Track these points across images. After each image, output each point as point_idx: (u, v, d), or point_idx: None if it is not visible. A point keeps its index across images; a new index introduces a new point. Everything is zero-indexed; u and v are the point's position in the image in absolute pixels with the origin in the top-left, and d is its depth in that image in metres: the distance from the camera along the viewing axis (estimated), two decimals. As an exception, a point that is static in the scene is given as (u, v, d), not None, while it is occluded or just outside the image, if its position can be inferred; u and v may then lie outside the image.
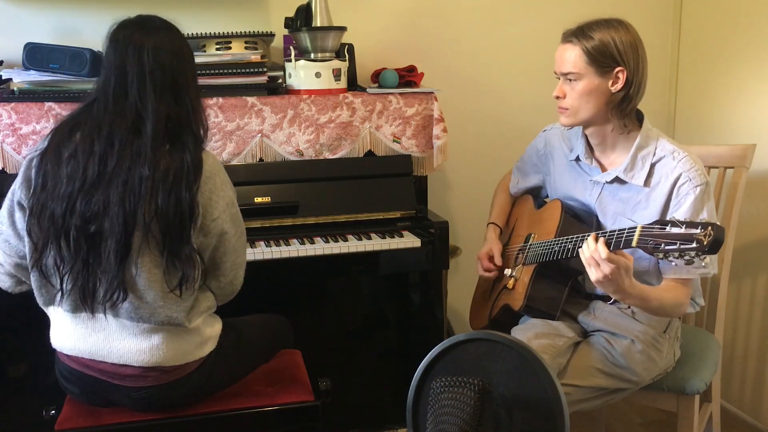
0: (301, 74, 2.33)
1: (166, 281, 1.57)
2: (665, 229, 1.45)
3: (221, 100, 2.22)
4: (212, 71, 2.26)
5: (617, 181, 1.85)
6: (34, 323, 1.74)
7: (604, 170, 1.89)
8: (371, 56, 2.63)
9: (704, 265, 1.54)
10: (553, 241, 1.85)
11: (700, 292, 1.93)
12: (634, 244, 1.51)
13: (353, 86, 2.46)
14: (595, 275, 1.58)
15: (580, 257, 1.62)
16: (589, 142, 1.92)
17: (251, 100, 2.25)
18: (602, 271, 1.56)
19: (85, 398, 1.75)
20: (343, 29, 2.38)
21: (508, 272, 2.02)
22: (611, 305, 1.90)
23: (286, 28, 2.40)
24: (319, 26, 2.34)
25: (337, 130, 2.32)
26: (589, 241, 1.58)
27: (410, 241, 2.22)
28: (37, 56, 2.16)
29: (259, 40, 2.39)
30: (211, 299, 1.72)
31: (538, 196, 2.19)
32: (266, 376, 1.91)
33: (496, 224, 2.20)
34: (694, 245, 1.40)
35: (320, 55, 2.36)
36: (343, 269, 2.28)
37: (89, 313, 1.60)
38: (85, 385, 1.70)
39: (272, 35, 2.44)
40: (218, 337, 1.73)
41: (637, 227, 1.51)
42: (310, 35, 2.33)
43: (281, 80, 2.42)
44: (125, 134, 1.54)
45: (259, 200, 2.21)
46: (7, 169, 2.10)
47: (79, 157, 1.53)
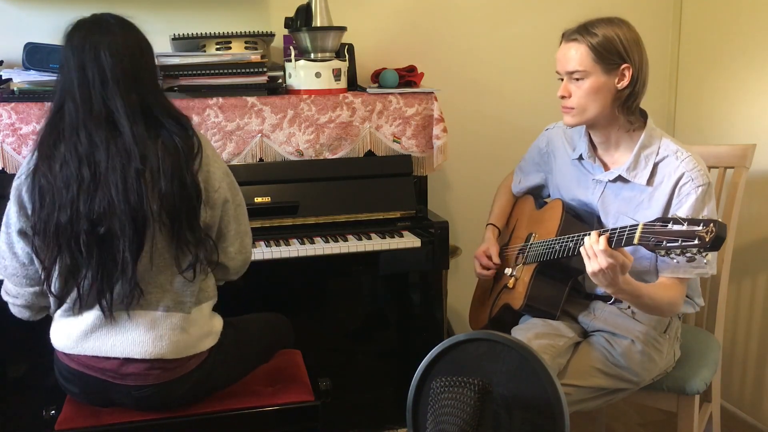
0: (301, 74, 2.33)
1: (176, 265, 1.60)
2: (667, 226, 1.45)
3: (221, 100, 2.22)
4: (212, 71, 2.26)
5: (620, 179, 1.85)
6: (34, 323, 1.74)
7: (606, 169, 1.89)
8: (371, 56, 2.63)
9: (705, 263, 1.54)
10: (553, 240, 1.85)
11: (699, 292, 1.94)
12: (635, 241, 1.51)
13: (353, 86, 2.46)
14: (590, 267, 1.59)
15: (580, 256, 1.62)
16: (591, 140, 1.92)
17: (251, 100, 2.25)
18: (598, 263, 1.56)
19: (85, 398, 1.75)
20: (343, 29, 2.38)
21: (508, 271, 2.02)
22: (611, 305, 1.90)
23: (286, 28, 2.40)
24: (319, 26, 2.34)
25: (337, 130, 2.32)
26: (591, 235, 1.59)
27: (410, 241, 2.22)
28: (37, 56, 2.16)
29: (259, 40, 2.38)
30: (213, 288, 1.74)
31: (539, 196, 2.19)
32: (266, 375, 1.91)
33: (495, 225, 2.20)
34: (696, 242, 1.40)
35: (320, 55, 2.36)
36: (343, 269, 2.28)
37: (106, 314, 1.59)
38: (85, 384, 1.70)
39: (272, 35, 2.44)
40: (219, 333, 1.74)
41: (639, 224, 1.51)
42: (310, 35, 2.34)
43: (281, 80, 2.42)
44: (104, 133, 1.54)
45: (259, 200, 2.21)
46: (7, 169, 2.10)
47: (70, 163, 1.53)
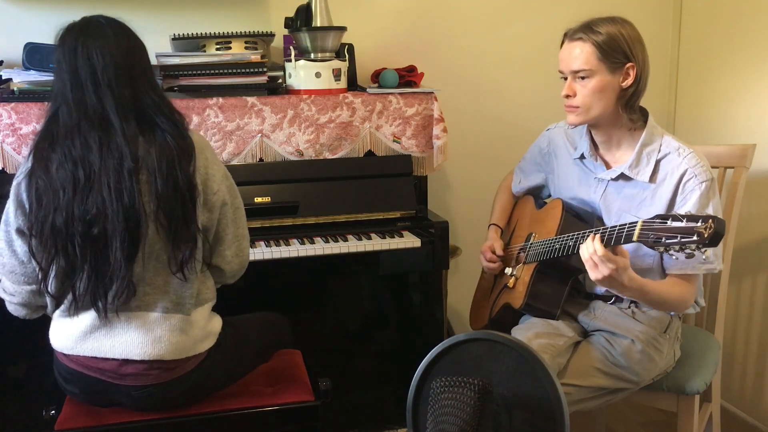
0: (301, 74, 2.33)
1: (169, 266, 1.60)
2: (666, 223, 1.46)
3: (221, 100, 2.22)
4: (212, 71, 2.26)
5: (622, 177, 1.85)
6: (34, 323, 1.74)
7: (608, 168, 1.90)
8: (371, 56, 2.63)
9: (704, 258, 1.54)
10: (554, 239, 1.85)
11: (701, 292, 1.94)
12: (635, 238, 1.51)
13: (353, 86, 2.46)
14: (593, 275, 1.61)
15: (580, 254, 1.63)
16: (593, 139, 1.92)
17: (251, 100, 2.25)
18: (601, 271, 1.58)
19: (84, 398, 1.75)
20: (343, 29, 2.38)
21: (508, 271, 2.02)
22: (611, 305, 1.90)
23: (286, 28, 2.40)
24: (319, 26, 2.34)
25: (337, 130, 2.32)
26: (587, 243, 1.59)
27: (410, 241, 2.22)
28: (37, 56, 2.16)
29: (259, 40, 2.38)
30: (212, 290, 1.73)
31: (539, 196, 2.19)
32: (266, 376, 1.91)
33: (497, 225, 2.20)
34: (694, 238, 1.41)
35: (320, 55, 2.36)
36: (343, 269, 2.28)
37: (101, 315, 1.60)
38: (84, 385, 1.70)
39: (272, 35, 2.44)
40: (218, 333, 1.74)
41: (638, 222, 1.52)
42: (310, 35, 2.33)
43: (281, 80, 2.42)
44: (97, 134, 1.55)
45: (259, 200, 2.21)
46: (7, 169, 2.10)
47: (65, 166, 1.54)
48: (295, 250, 2.13)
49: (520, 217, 2.17)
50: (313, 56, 2.36)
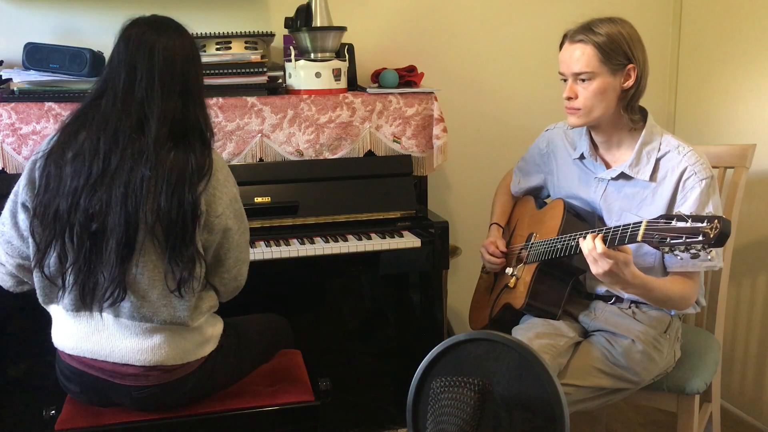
0: (301, 74, 2.33)
1: (166, 284, 1.58)
2: (671, 223, 1.45)
3: (221, 100, 2.22)
4: (212, 71, 2.26)
5: (622, 177, 1.86)
6: (34, 323, 1.74)
7: (608, 167, 1.90)
8: (371, 56, 2.63)
9: (710, 259, 1.55)
10: (555, 239, 1.85)
11: (703, 291, 1.94)
12: (639, 238, 1.51)
13: (353, 86, 2.46)
14: (594, 269, 1.61)
15: (582, 255, 1.63)
16: (593, 140, 1.92)
17: (251, 100, 2.25)
18: (601, 266, 1.59)
19: (85, 397, 1.75)
20: (343, 29, 2.38)
21: (509, 271, 2.02)
22: (612, 305, 1.90)
23: (286, 28, 2.40)
24: (319, 26, 2.34)
25: (337, 130, 2.32)
26: (587, 240, 1.59)
27: (410, 241, 2.22)
28: (37, 56, 2.16)
29: (259, 40, 2.38)
30: (213, 299, 1.72)
31: (538, 197, 2.19)
32: (266, 376, 1.91)
33: (498, 224, 2.20)
34: (700, 239, 1.40)
35: (320, 55, 2.36)
36: (343, 269, 2.28)
37: (89, 311, 1.60)
38: (85, 384, 1.70)
39: (272, 35, 2.44)
40: (219, 336, 1.74)
41: (642, 222, 1.52)
42: (310, 35, 2.33)
43: (281, 80, 2.42)
44: (129, 132, 1.55)
45: (259, 200, 2.21)
46: (7, 169, 2.10)
47: (85, 154, 1.55)
48: (295, 250, 2.12)
49: (520, 217, 2.17)
50: (313, 56, 2.36)
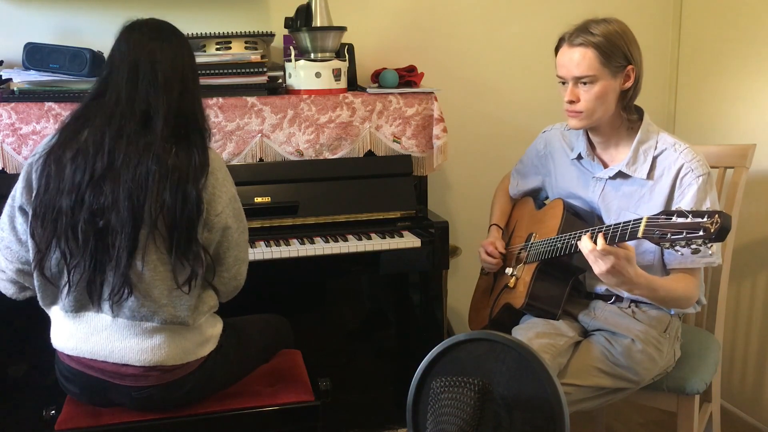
0: (301, 74, 2.33)
1: (174, 278, 1.59)
2: (671, 219, 1.46)
3: (221, 100, 2.22)
4: (212, 71, 2.26)
5: (620, 176, 1.86)
6: (34, 323, 1.74)
7: (606, 167, 1.90)
8: (371, 56, 2.63)
9: (711, 254, 1.55)
10: (555, 238, 1.85)
11: (703, 289, 1.94)
12: (640, 234, 1.51)
13: (353, 86, 2.46)
14: (596, 269, 1.60)
15: (582, 253, 1.62)
16: (590, 139, 1.92)
17: (251, 100, 2.25)
18: (603, 265, 1.58)
19: (85, 398, 1.75)
20: (343, 29, 2.38)
21: (509, 271, 2.02)
22: (612, 305, 1.90)
23: (286, 28, 2.40)
24: (319, 26, 2.34)
25: (337, 130, 2.32)
26: (583, 240, 1.59)
27: (410, 241, 2.22)
28: (37, 56, 2.16)
29: (259, 40, 2.38)
30: (214, 299, 1.72)
31: (537, 198, 2.19)
32: (266, 376, 1.91)
33: (498, 225, 2.20)
34: (701, 233, 1.40)
35: (320, 55, 2.36)
36: (343, 269, 2.28)
37: (93, 310, 1.60)
38: (85, 384, 1.70)
39: (272, 35, 2.44)
40: (219, 336, 1.74)
41: (642, 218, 1.52)
42: (310, 35, 2.33)
43: (281, 80, 2.42)
44: (134, 129, 1.57)
45: (259, 200, 2.21)
46: (7, 169, 2.10)
47: (89, 150, 1.55)
48: (295, 250, 2.13)
49: (519, 218, 2.17)
50: (313, 56, 2.36)
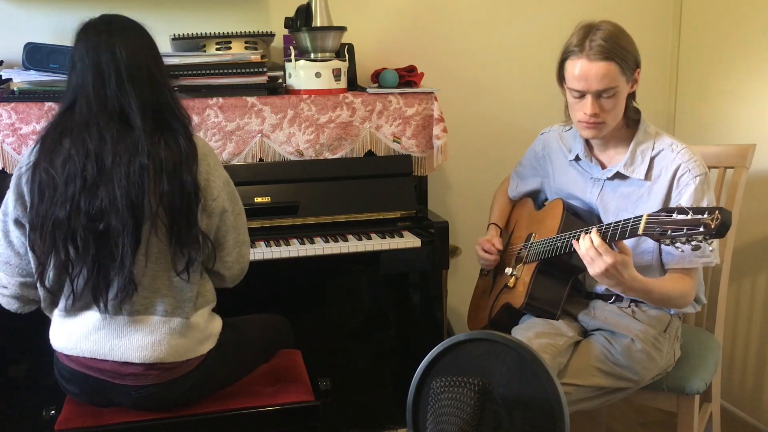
0: (301, 74, 2.33)
1: (173, 266, 1.60)
2: (672, 215, 1.46)
3: (221, 100, 2.22)
4: (212, 71, 2.26)
5: (618, 176, 1.86)
6: (34, 323, 1.74)
7: (603, 167, 1.90)
8: (371, 56, 2.62)
9: (711, 250, 1.55)
10: (555, 237, 1.85)
11: (703, 288, 1.94)
12: (640, 231, 1.52)
13: (353, 86, 2.46)
14: (592, 270, 1.61)
15: (577, 248, 1.63)
16: (587, 141, 1.92)
17: (251, 100, 2.25)
18: (598, 266, 1.59)
19: (85, 398, 1.75)
20: (343, 29, 2.38)
21: (509, 271, 2.02)
22: (611, 304, 1.90)
23: (286, 28, 2.40)
24: (319, 26, 2.34)
25: (337, 130, 2.32)
26: (582, 239, 1.59)
27: (410, 241, 2.22)
28: (37, 56, 2.16)
29: (259, 40, 2.39)
30: (212, 292, 1.73)
31: (536, 200, 2.19)
32: (266, 376, 1.91)
33: (496, 224, 2.20)
34: (701, 230, 1.41)
35: (320, 55, 2.36)
36: (343, 269, 2.28)
37: (96, 309, 1.60)
38: (84, 385, 1.70)
39: (272, 35, 2.44)
40: (218, 335, 1.74)
41: (643, 215, 1.52)
42: (310, 35, 2.33)
43: (281, 80, 2.42)
44: (115, 129, 1.56)
45: (259, 200, 2.21)
46: (7, 169, 2.10)
47: (75, 159, 1.54)
48: (295, 250, 2.13)
49: (518, 218, 2.17)
50: (313, 56, 2.36)
